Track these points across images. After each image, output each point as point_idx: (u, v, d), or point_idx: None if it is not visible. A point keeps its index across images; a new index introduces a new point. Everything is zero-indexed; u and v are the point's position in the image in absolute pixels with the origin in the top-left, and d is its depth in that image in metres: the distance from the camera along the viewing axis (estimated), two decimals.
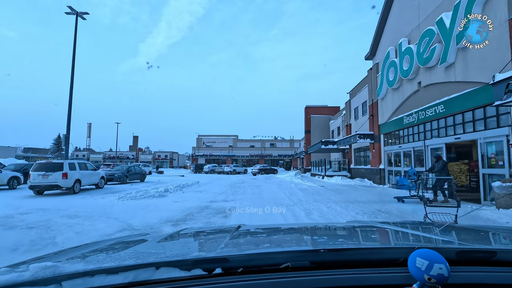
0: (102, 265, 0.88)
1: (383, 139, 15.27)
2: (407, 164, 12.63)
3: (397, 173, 13.62)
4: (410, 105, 12.22)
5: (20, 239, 4.92)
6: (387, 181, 14.79)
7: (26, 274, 0.79)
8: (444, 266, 0.71)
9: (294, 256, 0.92)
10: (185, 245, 1.44)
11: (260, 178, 27.18)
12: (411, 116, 11.86)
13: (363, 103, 18.76)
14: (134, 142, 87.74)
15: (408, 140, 12.56)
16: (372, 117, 16.36)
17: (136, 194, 11.54)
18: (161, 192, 12.37)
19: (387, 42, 14.34)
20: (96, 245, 1.39)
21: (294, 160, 58.18)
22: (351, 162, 21.38)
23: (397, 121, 13.29)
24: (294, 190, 13.55)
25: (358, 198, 10.73)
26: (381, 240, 1.44)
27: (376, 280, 0.80)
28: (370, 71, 16.74)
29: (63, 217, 7.26)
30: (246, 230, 1.53)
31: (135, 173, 20.13)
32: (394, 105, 13.59)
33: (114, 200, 10.53)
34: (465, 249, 1.01)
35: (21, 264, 1.05)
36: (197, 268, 0.83)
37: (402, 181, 10.30)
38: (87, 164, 14.38)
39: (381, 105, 15.22)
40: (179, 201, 10.23)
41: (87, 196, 11.84)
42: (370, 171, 16.86)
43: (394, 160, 13.95)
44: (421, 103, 11.27)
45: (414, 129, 11.98)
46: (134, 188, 15.60)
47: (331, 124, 33.25)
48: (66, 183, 12.32)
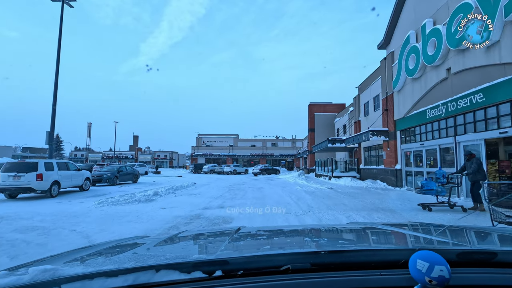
0: (102, 268, 0.87)
1: (400, 136, 13.65)
2: (430, 164, 11.02)
3: (417, 174, 12.01)
4: (436, 96, 10.61)
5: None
6: (404, 183, 13.18)
7: (25, 277, 0.79)
8: (445, 268, 0.70)
9: (294, 258, 0.92)
10: (185, 247, 1.43)
11: (262, 178, 25.61)
12: (437, 108, 10.25)
13: (374, 97, 17.14)
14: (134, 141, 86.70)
15: (432, 136, 10.95)
16: (387, 112, 14.75)
17: (119, 198, 10.01)
18: (149, 196, 10.82)
19: (406, 26, 12.73)
20: (95, 248, 1.40)
21: (297, 160, 56.63)
22: (360, 162, 19.76)
23: (418, 115, 11.68)
24: (300, 194, 11.97)
25: (377, 203, 9.14)
26: (382, 242, 1.38)
27: (377, 282, 0.80)
28: (384, 61, 15.12)
29: (14, 232, 5.86)
30: (246, 232, 1.51)
31: (127, 173, 18.60)
32: (415, 97, 11.98)
33: (91, 205, 9.03)
34: (465, 251, 0.99)
35: (20, 267, 1.05)
36: (197, 270, 0.82)
37: (429, 185, 8.65)
38: (68, 164, 12.85)
39: (398, 98, 13.61)
40: (167, 208, 8.70)
41: (64, 201, 10.32)
42: (383, 172, 15.25)
43: (414, 159, 12.33)
44: (451, 92, 9.66)
45: (441, 124, 10.36)
46: (122, 190, 14.11)
47: (336, 122, 31.63)
48: (41, 185, 10.79)
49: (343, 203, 8.97)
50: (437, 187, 8.38)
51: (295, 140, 64.40)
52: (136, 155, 77.16)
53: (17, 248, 4.74)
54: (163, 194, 11.82)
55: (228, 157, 59.42)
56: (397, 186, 13.60)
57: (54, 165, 11.69)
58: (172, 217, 7.18)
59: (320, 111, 34.85)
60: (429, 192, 8.51)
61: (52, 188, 11.25)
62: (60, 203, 9.86)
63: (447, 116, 9.77)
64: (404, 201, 9.48)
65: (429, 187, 8.58)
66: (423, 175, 11.53)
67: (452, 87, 9.60)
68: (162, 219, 6.89)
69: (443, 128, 10.23)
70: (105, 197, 10.68)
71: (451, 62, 9.50)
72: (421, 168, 11.71)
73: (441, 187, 8.32)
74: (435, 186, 8.43)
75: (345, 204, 8.91)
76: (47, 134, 16.14)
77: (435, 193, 8.35)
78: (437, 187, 8.37)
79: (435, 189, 8.36)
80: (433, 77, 10.55)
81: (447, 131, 10.04)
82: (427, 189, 8.59)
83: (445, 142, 10.03)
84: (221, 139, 62.92)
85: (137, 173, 19.80)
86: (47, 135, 16.13)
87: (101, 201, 9.55)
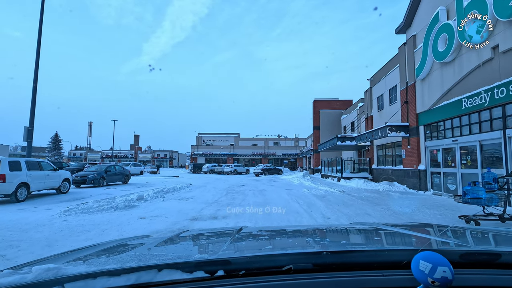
0: (104, 267, 0.87)
1: (424, 131, 11.85)
2: (467, 163, 9.21)
3: (448, 175, 10.20)
4: (474, 82, 8.81)
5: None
6: (429, 186, 11.38)
7: (29, 276, 0.79)
8: (448, 269, 0.69)
9: (296, 258, 0.92)
10: (187, 247, 1.41)
11: (264, 179, 23.85)
12: (477, 97, 8.45)
13: (391, 89, 15.33)
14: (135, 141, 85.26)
15: (470, 131, 9.14)
16: (407, 104, 12.94)
17: (93, 204, 8.28)
18: (130, 201, 9.11)
19: (432, 2, 10.91)
20: (97, 247, 1.38)
21: (300, 160, 54.81)
22: (373, 161, 17.95)
23: (449, 106, 9.88)
24: (309, 198, 10.22)
25: (409, 214, 7.37)
26: (384, 242, 1.36)
27: (379, 282, 0.80)
28: (404, 47, 13.31)
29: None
30: (248, 232, 1.51)
31: (116, 174, 16.91)
32: (445, 85, 10.17)
33: (55, 214, 7.34)
34: (469, 252, 0.98)
35: (24, 266, 1.04)
36: (199, 270, 0.82)
37: (475, 192, 6.80)
38: (41, 163, 11.17)
39: (421, 88, 11.80)
40: (147, 217, 7.00)
41: (29, 207, 8.64)
42: (402, 173, 13.44)
43: (443, 158, 10.52)
44: (498, 76, 7.87)
45: (483, 115, 8.56)
46: (106, 193, 12.44)
47: (343, 119, 29.80)
48: (3, 188, 9.10)
49: (367, 213, 7.21)
50: (486, 196, 6.57)
51: (297, 139, 62.58)
52: (136, 154, 75.68)
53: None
54: (149, 199, 10.10)
55: (229, 157, 57.67)
56: (420, 189, 11.80)
57: (22, 164, 10.00)
58: (148, 232, 5.47)
59: (326, 108, 33.01)
60: (477, 202, 6.66)
61: (19, 191, 9.56)
62: (22, 210, 8.18)
63: (492, 105, 7.97)
64: (440, 210, 7.69)
65: (476, 194, 6.71)
66: (455, 177, 9.73)
67: (500, 69, 7.79)
68: (135, 235, 5.16)
69: (486, 121, 8.42)
70: (78, 202, 8.99)
71: (500, 38, 7.70)
72: (453, 169, 9.90)
73: (492, 194, 6.53)
74: (483, 193, 6.62)
75: (370, 214, 7.15)
76: (25, 129, 14.41)
77: (484, 202, 6.55)
78: (487, 195, 6.57)
79: (485, 197, 6.55)
80: (472, 58, 8.74)
81: (491, 123, 8.23)
82: (473, 198, 6.73)
83: (489, 137, 8.23)
84: (222, 138, 61.18)
85: (127, 173, 18.08)
86: (25, 131, 14.41)
87: (70, 208, 7.83)
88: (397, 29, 13.57)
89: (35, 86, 14.29)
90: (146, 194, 10.60)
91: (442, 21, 9.98)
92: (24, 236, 5.40)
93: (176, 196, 11.18)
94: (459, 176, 9.52)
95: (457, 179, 9.63)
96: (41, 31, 14.50)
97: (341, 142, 18.24)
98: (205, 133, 62.22)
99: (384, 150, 16.35)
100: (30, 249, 4.52)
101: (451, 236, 1.42)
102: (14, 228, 6.00)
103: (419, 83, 11.93)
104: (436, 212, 7.43)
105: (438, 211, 7.60)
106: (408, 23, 12.85)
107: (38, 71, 14.48)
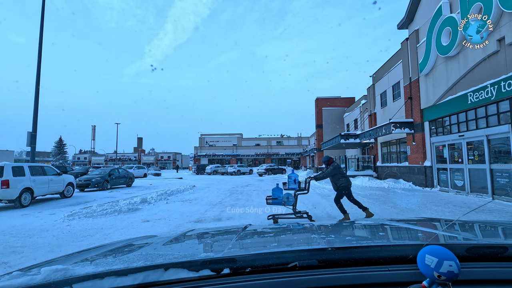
0: (111, 267, 0.88)
1: (429, 127, 11.67)
2: (474, 159, 9.03)
3: (455, 171, 10.02)
4: (480, 76, 8.63)
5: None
6: (436, 182, 11.20)
7: (38, 277, 0.80)
8: (454, 263, 0.68)
9: (301, 255, 0.91)
10: (193, 246, 1.42)
11: (267, 179, 23.75)
12: (483, 90, 8.27)
13: (394, 85, 15.14)
14: (139, 143, 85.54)
15: (476, 125, 8.96)
16: (411, 100, 12.76)
17: (97, 208, 8.25)
18: (134, 204, 9.06)
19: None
20: (104, 248, 1.38)
21: (303, 159, 54.57)
22: (377, 159, 17.76)
23: (455, 101, 9.70)
24: (315, 198, 10.10)
25: (417, 212, 7.24)
26: (389, 238, 1.34)
27: (385, 277, 0.79)
28: (406, 42, 13.13)
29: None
30: (253, 230, 1.51)
31: (119, 177, 16.91)
32: (450, 79, 9.99)
33: (59, 219, 7.33)
34: (475, 245, 0.97)
35: (33, 267, 1.06)
36: (205, 268, 0.83)
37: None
38: (45, 168, 11.17)
39: (425, 83, 11.62)
40: (150, 221, 6.95)
41: (33, 212, 8.64)
42: (407, 170, 13.27)
43: (450, 154, 10.34)
44: (505, 69, 7.69)
45: (490, 109, 8.38)
46: (110, 196, 12.43)
47: (346, 117, 29.59)
48: (7, 193, 9.11)
49: (374, 212, 7.08)
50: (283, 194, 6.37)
51: (301, 138, 62.32)
52: (139, 157, 75.93)
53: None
54: (153, 201, 10.05)
55: (232, 157, 57.62)
56: (427, 186, 11.62)
57: (25, 169, 10.01)
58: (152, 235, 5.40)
59: (328, 106, 32.78)
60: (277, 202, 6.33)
61: (23, 196, 9.56)
62: (26, 215, 8.17)
63: (499, 99, 7.79)
64: (449, 207, 7.53)
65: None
66: (463, 173, 9.55)
67: (507, 62, 7.61)
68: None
69: (493, 115, 8.25)
70: (82, 207, 8.96)
71: (506, 30, 7.52)
72: (460, 165, 9.71)
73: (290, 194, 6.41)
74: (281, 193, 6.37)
75: (376, 212, 7.01)
76: (28, 135, 14.48)
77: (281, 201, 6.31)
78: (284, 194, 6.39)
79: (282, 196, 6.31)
80: (477, 52, 8.57)
81: (498, 117, 8.06)
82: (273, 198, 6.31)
83: (497, 131, 8.05)
84: (225, 138, 61.13)
85: (131, 176, 18.09)
86: (28, 136, 14.48)
87: (74, 212, 7.81)
88: (399, 24, 13.39)
89: (37, 91, 14.35)
90: (149, 196, 10.56)
91: (445, 15, 9.80)
92: (28, 241, 5.38)
93: (179, 198, 11.13)
94: (466, 171, 9.34)
95: (464, 175, 9.45)
96: (41, 35, 14.54)
97: (344, 140, 18.06)
98: (208, 134, 62.23)
99: (389, 147, 16.17)
100: (33, 255, 4.49)
101: (457, 230, 1.40)
102: (18, 233, 5.99)
103: (423, 78, 11.75)
104: (444, 209, 7.28)
105: (446, 207, 7.44)
106: (410, 17, 12.67)
107: (40, 75, 14.52)
